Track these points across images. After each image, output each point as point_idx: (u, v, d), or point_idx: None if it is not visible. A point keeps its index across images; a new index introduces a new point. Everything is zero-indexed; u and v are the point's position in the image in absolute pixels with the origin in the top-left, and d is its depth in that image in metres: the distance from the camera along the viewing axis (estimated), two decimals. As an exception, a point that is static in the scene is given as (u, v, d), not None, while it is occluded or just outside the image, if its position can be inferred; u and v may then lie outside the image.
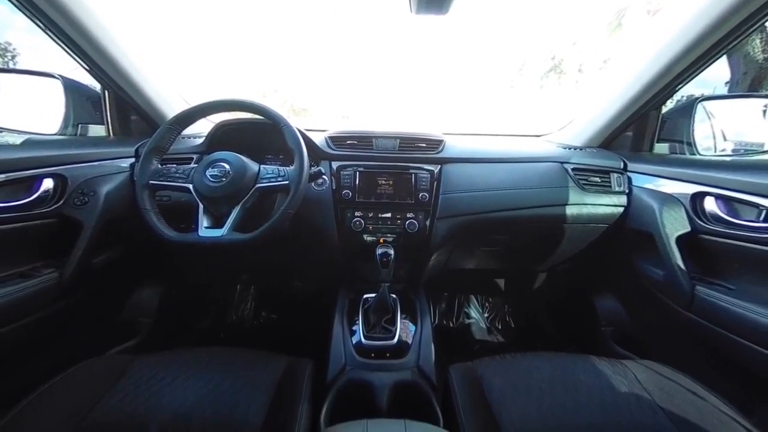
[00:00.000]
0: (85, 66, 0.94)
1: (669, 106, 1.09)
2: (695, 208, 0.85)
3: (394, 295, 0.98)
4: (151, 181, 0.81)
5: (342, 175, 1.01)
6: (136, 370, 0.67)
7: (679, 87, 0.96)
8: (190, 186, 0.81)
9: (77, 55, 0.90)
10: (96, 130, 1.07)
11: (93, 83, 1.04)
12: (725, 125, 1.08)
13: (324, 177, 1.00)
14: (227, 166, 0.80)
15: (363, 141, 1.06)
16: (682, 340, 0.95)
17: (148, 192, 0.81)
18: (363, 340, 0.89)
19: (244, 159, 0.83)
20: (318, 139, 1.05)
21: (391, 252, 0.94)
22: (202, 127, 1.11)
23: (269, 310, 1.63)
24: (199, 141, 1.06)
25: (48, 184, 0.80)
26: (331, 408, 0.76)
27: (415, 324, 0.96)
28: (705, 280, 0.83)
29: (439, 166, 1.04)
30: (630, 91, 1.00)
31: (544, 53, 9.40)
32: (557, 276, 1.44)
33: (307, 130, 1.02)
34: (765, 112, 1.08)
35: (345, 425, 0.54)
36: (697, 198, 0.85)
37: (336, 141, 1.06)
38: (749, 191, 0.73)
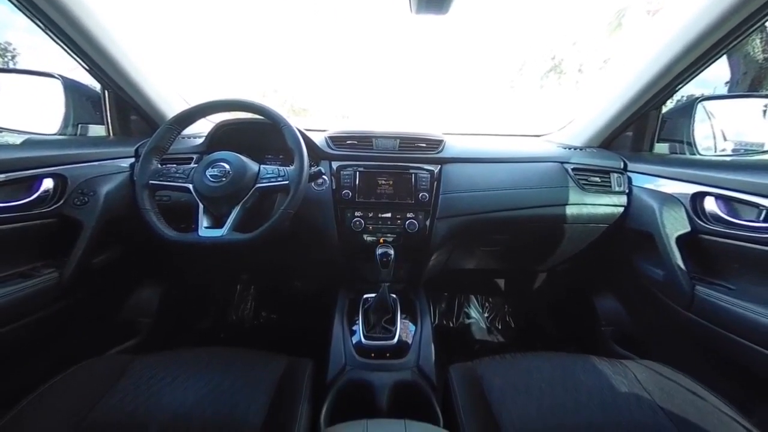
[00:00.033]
0: (85, 66, 0.94)
1: (669, 106, 1.09)
2: (695, 208, 0.85)
3: (394, 295, 0.98)
4: (151, 181, 0.81)
5: (342, 175, 1.01)
6: (136, 370, 0.67)
7: (679, 87, 0.96)
8: (190, 186, 0.81)
9: (77, 55, 0.90)
10: (96, 130, 1.07)
11: (93, 83, 1.04)
12: (725, 125, 1.08)
13: (324, 177, 1.00)
14: (227, 166, 0.80)
15: (363, 141, 1.06)
16: (682, 340, 0.95)
17: (148, 192, 0.81)
18: (363, 340, 0.89)
19: (244, 159, 0.83)
20: (318, 139, 1.05)
21: (391, 252, 0.94)
22: (202, 127, 1.11)
23: (269, 310, 1.63)
24: (199, 141, 1.06)
25: (48, 184, 0.80)
26: (331, 408, 0.76)
27: (415, 324, 0.96)
28: (705, 280, 0.83)
29: (439, 166, 1.04)
30: (630, 91, 1.00)
31: (544, 53, 9.41)
32: (557, 276, 1.44)
33: (307, 130, 1.02)
34: (765, 112, 1.08)
35: (345, 425, 0.54)
36: (697, 198, 0.85)
37: (336, 141, 1.06)
38: (749, 191, 0.73)
